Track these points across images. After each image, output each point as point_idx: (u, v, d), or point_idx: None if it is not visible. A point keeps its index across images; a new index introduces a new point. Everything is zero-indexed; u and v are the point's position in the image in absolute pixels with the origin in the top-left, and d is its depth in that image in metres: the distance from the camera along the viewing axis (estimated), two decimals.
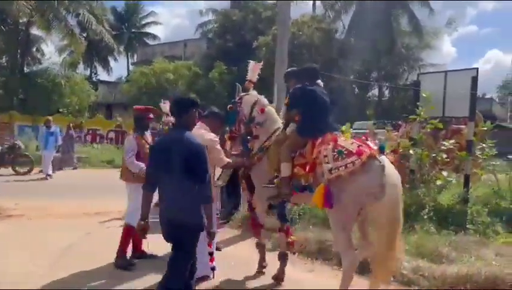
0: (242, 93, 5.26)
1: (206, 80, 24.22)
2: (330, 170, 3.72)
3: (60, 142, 13.51)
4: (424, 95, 6.84)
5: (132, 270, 4.92)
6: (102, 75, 36.87)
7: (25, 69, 21.41)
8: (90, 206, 8.34)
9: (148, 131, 5.50)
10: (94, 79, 33.90)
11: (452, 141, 7.06)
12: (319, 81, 4.65)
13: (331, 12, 28.83)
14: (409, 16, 25.52)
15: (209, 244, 4.61)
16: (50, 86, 19.25)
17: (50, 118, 13.49)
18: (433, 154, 6.70)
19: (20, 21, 19.57)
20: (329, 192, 3.70)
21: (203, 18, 31.99)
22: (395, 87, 24.57)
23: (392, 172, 3.75)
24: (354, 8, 27.43)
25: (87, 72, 34.16)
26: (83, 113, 22.57)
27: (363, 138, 4.19)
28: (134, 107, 5.57)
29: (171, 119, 6.40)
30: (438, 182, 6.66)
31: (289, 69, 5.62)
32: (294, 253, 5.78)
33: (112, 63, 37.08)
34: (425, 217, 6.09)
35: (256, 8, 26.13)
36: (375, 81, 24.93)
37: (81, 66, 31.58)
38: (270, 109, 5.09)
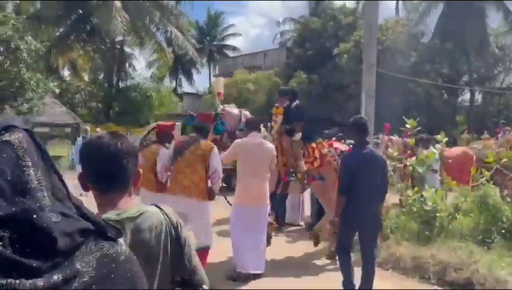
0: (225, 106, 6.42)
1: None
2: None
3: None
4: None
5: None
6: (186, 87, 38.76)
7: (120, 84, 23.18)
8: None
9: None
10: (179, 91, 35.73)
11: None
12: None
13: (414, 14, 27.57)
14: (505, 13, 23.52)
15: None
16: (142, 99, 20.65)
17: (87, 127, 12.37)
18: None
19: (116, 40, 21.28)
20: None
21: (281, 28, 32.37)
22: (490, 91, 22.71)
23: None
24: (440, 9, 25.97)
25: (173, 85, 36.12)
26: None
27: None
28: (158, 124, 6.34)
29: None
30: None
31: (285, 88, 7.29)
32: (388, 269, 5.55)
33: (195, 75, 38.95)
34: None
35: (336, 14, 25.78)
36: (466, 85, 23.27)
37: (167, 79, 33.51)
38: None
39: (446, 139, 7.32)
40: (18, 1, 22.45)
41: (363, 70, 7.35)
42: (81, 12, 20.54)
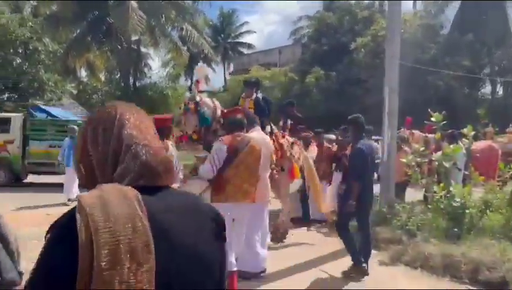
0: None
1: (301, 86, 24.14)
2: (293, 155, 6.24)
3: None
4: None
5: None
6: (201, 86, 38.74)
7: (136, 83, 23.30)
8: None
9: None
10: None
11: None
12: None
13: (432, 7, 27.04)
14: None
15: None
16: (158, 98, 20.72)
17: (74, 126, 10.58)
18: None
19: (132, 39, 21.38)
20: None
21: (296, 24, 32.11)
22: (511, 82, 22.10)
23: None
24: (459, 1, 25.39)
25: (188, 83, 36.21)
26: None
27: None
28: (155, 116, 5.09)
29: None
30: None
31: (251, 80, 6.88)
32: (416, 267, 5.38)
33: (209, 73, 38.95)
34: None
35: (352, 8, 25.44)
36: (487, 77, 22.69)
37: (182, 78, 33.57)
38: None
39: (473, 133, 7.08)
40: (35, 1, 22.76)
41: (386, 64, 7.16)
42: (97, 12, 20.66)
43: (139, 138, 0.93)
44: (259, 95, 6.13)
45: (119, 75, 23.81)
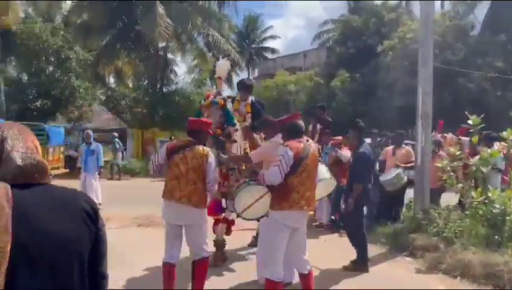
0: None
1: (327, 89, 23.95)
2: None
3: (102, 163, 10.37)
4: None
5: None
6: (226, 91, 39.06)
7: (164, 89, 23.62)
8: None
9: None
10: None
11: None
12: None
13: (461, 6, 26.40)
14: None
15: None
16: (185, 104, 20.91)
17: (90, 131, 10.49)
18: None
19: (159, 46, 21.71)
20: None
21: (321, 27, 31.94)
22: None
23: None
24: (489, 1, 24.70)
25: (214, 89, 36.46)
26: None
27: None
28: (190, 119, 4.65)
29: None
30: None
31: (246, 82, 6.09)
32: (455, 276, 5.20)
33: (234, 78, 39.12)
34: None
35: (379, 11, 25.09)
36: None
37: (207, 83, 33.82)
38: None
39: None
40: (66, 12, 23.42)
41: (419, 66, 6.99)
42: (126, 20, 21.07)
43: (17, 147, 1.21)
44: (252, 98, 5.89)
45: (146, 81, 24.19)
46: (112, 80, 28.80)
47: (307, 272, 4.10)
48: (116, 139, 17.04)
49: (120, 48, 20.86)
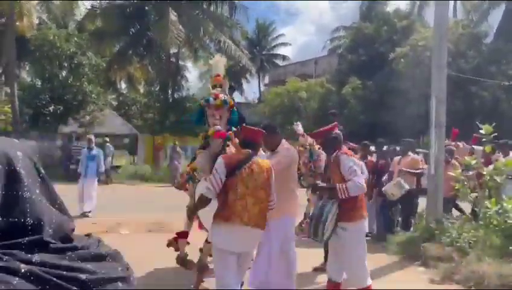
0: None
1: (338, 97, 23.88)
2: None
3: (103, 169, 10.35)
4: None
5: None
6: (236, 97, 39.20)
7: (175, 95, 23.78)
8: None
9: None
10: None
11: None
12: None
13: (474, 14, 26.21)
14: None
15: None
16: (196, 110, 20.99)
17: (92, 136, 10.46)
18: None
19: (171, 52, 21.90)
20: None
21: (333, 34, 31.92)
22: None
23: None
24: (502, 8, 24.50)
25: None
26: None
27: None
28: (245, 127, 4.19)
29: (309, 139, 6.23)
30: None
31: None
32: (470, 287, 5.10)
33: (244, 85, 39.27)
34: None
35: (390, 18, 25.01)
36: None
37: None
38: None
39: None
40: (79, 18, 23.74)
41: (433, 74, 6.92)
42: (139, 27, 21.31)
43: None
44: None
45: (158, 87, 24.39)
46: (123, 85, 29.10)
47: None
48: (108, 144, 17.07)
49: (132, 53, 21.09)
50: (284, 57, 42.58)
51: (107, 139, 17.61)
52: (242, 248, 3.62)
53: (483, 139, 7.06)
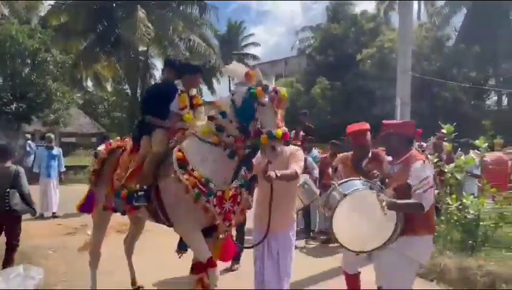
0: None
1: (307, 97, 24.17)
2: None
3: (63, 168, 10.06)
4: None
5: None
6: (207, 96, 38.95)
7: (144, 93, 23.42)
8: None
9: None
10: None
11: None
12: None
13: (437, 18, 27.14)
14: None
15: None
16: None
17: (51, 135, 9.99)
18: None
19: (140, 50, 21.54)
20: None
21: (299, 35, 32.24)
22: None
23: None
24: (464, 12, 25.50)
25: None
26: None
27: None
28: (351, 127, 4.19)
29: None
30: None
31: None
32: (432, 280, 5.32)
33: (215, 84, 39.05)
34: None
35: (358, 20, 25.54)
36: (493, 88, 22.65)
37: None
38: None
39: (486, 144, 7.04)
40: (43, 13, 23.00)
41: (398, 77, 7.17)
42: (106, 24, 20.85)
43: None
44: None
45: (126, 86, 23.96)
46: (90, 83, 28.40)
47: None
48: (28, 141, 16.31)
49: (100, 51, 20.60)
50: (254, 57, 42.71)
51: (29, 136, 16.87)
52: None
53: (445, 138, 7.34)
